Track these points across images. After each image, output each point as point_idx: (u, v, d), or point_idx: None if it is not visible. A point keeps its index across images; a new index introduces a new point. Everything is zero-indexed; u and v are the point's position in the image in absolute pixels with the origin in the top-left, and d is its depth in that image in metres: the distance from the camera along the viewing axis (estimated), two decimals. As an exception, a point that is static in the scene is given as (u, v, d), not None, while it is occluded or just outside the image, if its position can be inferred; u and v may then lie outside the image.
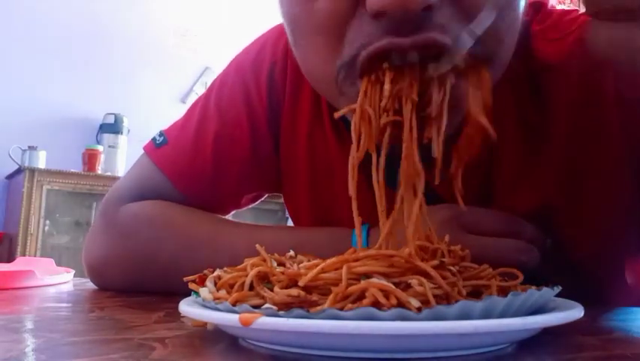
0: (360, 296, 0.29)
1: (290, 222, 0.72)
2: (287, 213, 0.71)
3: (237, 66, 0.66)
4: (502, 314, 0.29)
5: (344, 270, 0.30)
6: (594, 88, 0.49)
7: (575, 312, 0.31)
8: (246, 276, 0.33)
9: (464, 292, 0.31)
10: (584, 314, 0.32)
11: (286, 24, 0.46)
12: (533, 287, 0.32)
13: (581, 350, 0.32)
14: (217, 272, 0.37)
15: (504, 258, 0.46)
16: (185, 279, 0.37)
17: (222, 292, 0.34)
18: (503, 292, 0.33)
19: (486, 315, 0.28)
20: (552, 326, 0.30)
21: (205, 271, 0.37)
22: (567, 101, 0.50)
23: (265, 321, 0.28)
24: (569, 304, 0.34)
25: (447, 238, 0.37)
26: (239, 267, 0.36)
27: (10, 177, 2.92)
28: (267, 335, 0.30)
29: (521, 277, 0.37)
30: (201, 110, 0.65)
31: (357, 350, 0.28)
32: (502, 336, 0.30)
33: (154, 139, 0.66)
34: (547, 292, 0.32)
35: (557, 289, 0.33)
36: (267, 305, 0.30)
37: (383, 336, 0.27)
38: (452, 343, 0.29)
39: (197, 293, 0.35)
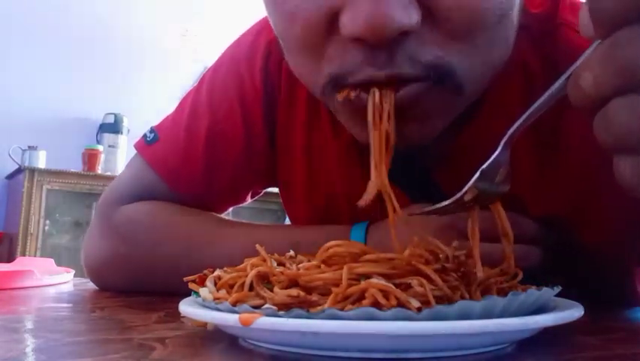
0: (360, 297, 0.29)
1: (288, 222, 0.72)
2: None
3: (231, 57, 0.64)
4: (502, 314, 0.29)
5: (344, 270, 0.30)
6: None
7: (575, 312, 0.31)
8: (246, 276, 0.33)
9: (467, 295, 0.31)
10: (584, 314, 0.32)
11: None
12: (533, 287, 0.32)
13: (581, 350, 0.32)
14: (217, 272, 0.37)
15: (497, 263, 0.46)
16: (185, 279, 0.37)
17: (222, 292, 0.34)
18: (503, 291, 0.33)
19: (486, 315, 0.28)
20: (552, 326, 0.30)
21: (205, 271, 0.37)
22: None
23: (265, 321, 0.28)
24: (569, 304, 0.34)
25: (455, 243, 0.37)
26: (239, 267, 0.36)
27: (10, 177, 2.92)
28: (267, 335, 0.30)
29: (520, 275, 0.37)
30: (192, 104, 0.63)
31: (357, 350, 0.28)
32: (502, 336, 0.30)
33: (145, 136, 0.65)
34: (547, 292, 0.32)
35: (557, 289, 0.33)
36: (267, 305, 0.30)
37: (383, 336, 0.27)
38: (452, 343, 0.29)
39: (197, 293, 0.35)
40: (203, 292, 0.34)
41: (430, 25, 0.37)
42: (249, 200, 0.69)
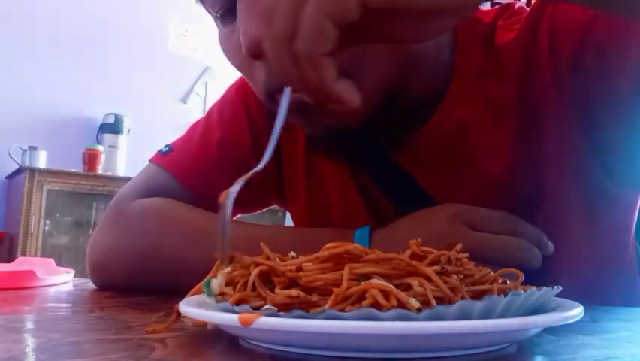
0: (361, 297, 0.29)
1: (287, 223, 0.74)
2: (287, 213, 0.74)
3: (237, 85, 0.71)
4: (502, 314, 0.29)
5: (345, 271, 0.30)
6: (536, 58, 0.55)
7: (575, 312, 0.31)
8: (249, 275, 0.33)
9: (468, 297, 0.31)
10: (585, 314, 0.32)
11: None
12: (533, 287, 0.32)
13: (581, 350, 0.32)
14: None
15: (506, 254, 0.48)
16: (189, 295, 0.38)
17: (229, 289, 0.34)
18: (503, 291, 0.33)
19: (486, 315, 0.28)
20: (552, 326, 0.30)
21: (215, 255, 0.37)
22: (518, 72, 0.56)
23: (265, 321, 0.28)
24: (569, 304, 0.34)
25: (459, 246, 0.37)
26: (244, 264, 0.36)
27: (10, 177, 2.91)
28: (267, 335, 0.30)
29: (522, 277, 0.37)
30: (205, 122, 0.70)
31: (357, 350, 0.28)
32: (502, 336, 0.30)
33: (160, 150, 0.70)
34: (547, 292, 0.32)
35: (557, 289, 0.33)
36: (267, 306, 0.30)
37: (383, 336, 0.27)
38: (452, 343, 0.29)
39: (207, 284, 0.35)
40: (214, 282, 0.34)
41: None
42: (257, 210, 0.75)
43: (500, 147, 0.56)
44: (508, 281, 0.37)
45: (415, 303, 0.28)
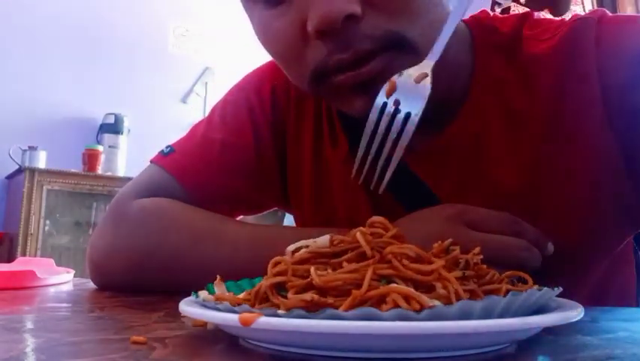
0: (380, 300, 0.28)
1: (286, 223, 0.73)
2: (286, 213, 0.72)
3: (240, 88, 0.71)
4: (502, 314, 0.29)
5: (368, 272, 0.30)
6: (576, 74, 0.54)
7: (575, 312, 0.31)
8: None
9: (482, 297, 0.31)
10: (585, 314, 0.32)
11: None
12: (534, 287, 0.32)
13: (581, 350, 0.32)
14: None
15: (505, 254, 0.47)
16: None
17: (228, 294, 0.33)
18: (507, 292, 0.33)
19: (486, 315, 0.28)
20: (552, 326, 0.30)
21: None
22: (551, 84, 0.55)
23: (265, 321, 0.28)
24: (569, 304, 0.34)
25: (477, 250, 0.37)
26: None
27: (10, 177, 2.92)
28: (267, 335, 0.29)
29: (531, 282, 0.36)
30: (206, 124, 0.70)
31: (358, 350, 0.28)
32: (502, 336, 0.30)
33: (161, 151, 0.69)
34: (548, 292, 0.32)
35: (558, 290, 0.33)
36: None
37: (383, 336, 0.26)
38: (452, 343, 0.28)
39: (196, 293, 0.35)
40: (202, 293, 0.34)
41: (374, 11, 0.47)
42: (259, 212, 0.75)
43: (517, 160, 0.56)
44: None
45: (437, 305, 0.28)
